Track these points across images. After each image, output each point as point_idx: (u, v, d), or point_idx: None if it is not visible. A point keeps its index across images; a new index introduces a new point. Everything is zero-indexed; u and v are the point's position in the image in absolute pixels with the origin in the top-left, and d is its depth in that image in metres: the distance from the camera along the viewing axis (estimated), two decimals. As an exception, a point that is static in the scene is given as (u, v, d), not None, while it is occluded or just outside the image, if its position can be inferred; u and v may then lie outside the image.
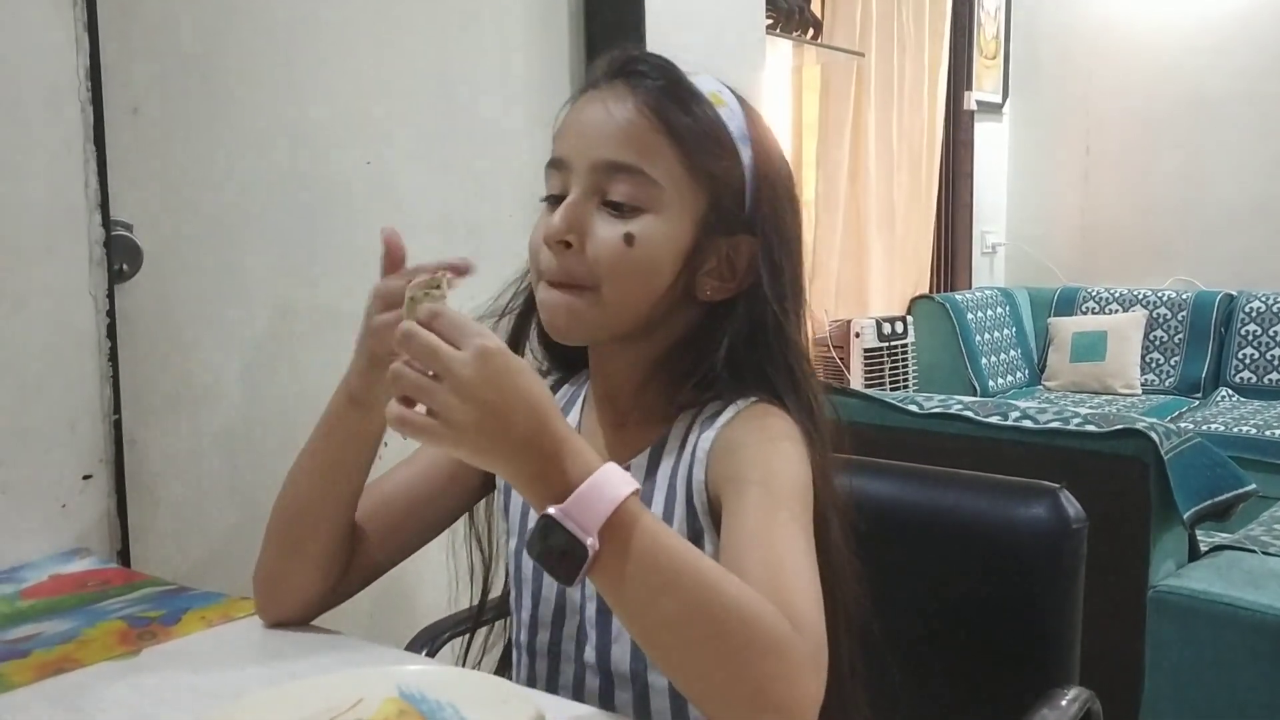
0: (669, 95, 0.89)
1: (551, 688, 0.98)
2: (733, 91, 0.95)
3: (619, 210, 0.88)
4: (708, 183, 0.90)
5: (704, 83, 0.93)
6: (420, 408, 0.73)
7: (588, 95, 0.92)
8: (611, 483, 0.72)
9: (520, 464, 0.73)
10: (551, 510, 0.71)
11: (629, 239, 0.87)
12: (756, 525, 0.80)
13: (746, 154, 0.92)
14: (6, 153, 1.20)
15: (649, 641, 0.74)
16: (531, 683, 1.00)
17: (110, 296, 1.30)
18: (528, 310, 0.99)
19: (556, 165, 0.91)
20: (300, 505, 0.96)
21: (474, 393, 0.71)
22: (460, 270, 0.85)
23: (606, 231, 0.87)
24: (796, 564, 0.77)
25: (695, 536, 0.89)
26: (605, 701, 0.94)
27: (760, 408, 0.90)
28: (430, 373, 0.72)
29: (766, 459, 0.85)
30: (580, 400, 1.03)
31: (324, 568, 0.97)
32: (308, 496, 0.95)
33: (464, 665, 1.10)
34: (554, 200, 0.91)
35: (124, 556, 1.33)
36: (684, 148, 0.88)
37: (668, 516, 0.91)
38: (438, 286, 0.76)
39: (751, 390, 0.91)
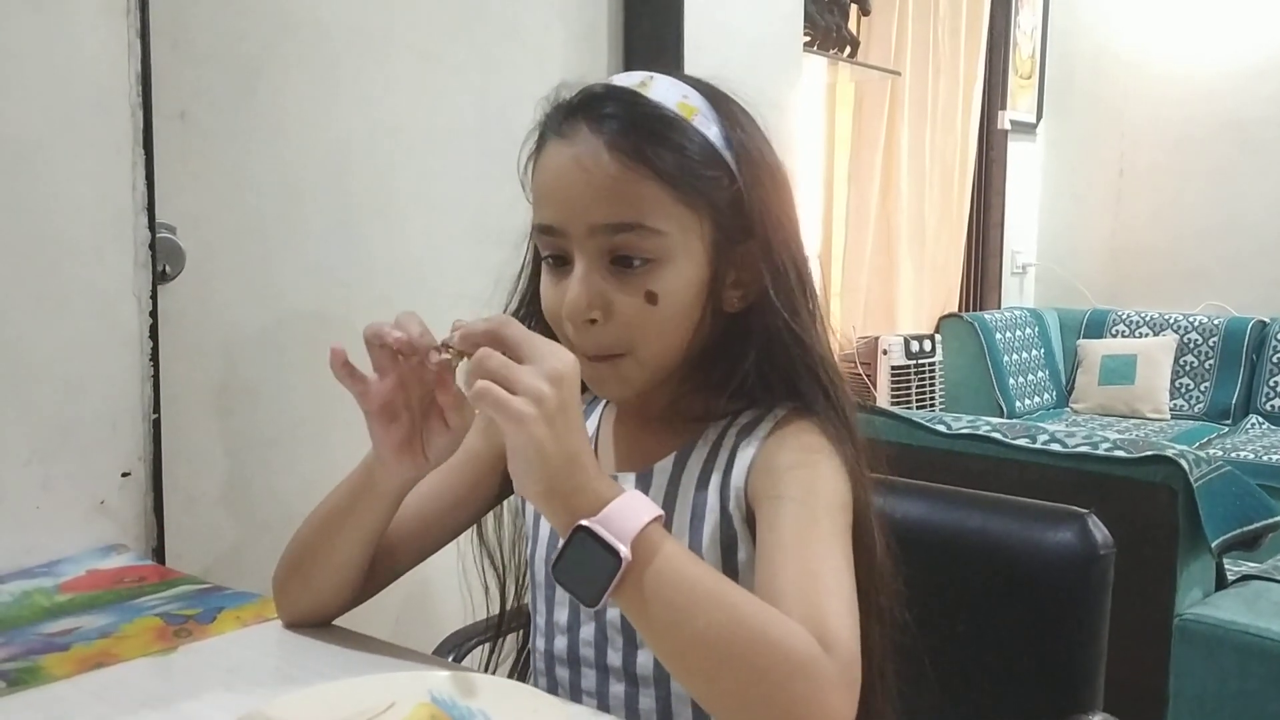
0: (641, 132, 0.84)
1: (575, 694, 0.98)
2: (697, 89, 0.90)
3: (630, 266, 0.85)
4: (707, 208, 0.86)
5: (667, 92, 0.88)
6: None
7: (554, 148, 0.88)
8: (638, 505, 0.74)
9: (566, 475, 0.73)
10: (585, 522, 0.72)
11: (651, 297, 0.85)
12: (792, 540, 0.80)
13: (731, 158, 0.88)
14: (58, 155, 1.23)
15: (675, 663, 0.74)
16: (552, 690, 1.00)
17: (153, 297, 1.32)
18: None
19: (548, 232, 0.88)
20: (307, 543, 0.97)
21: (563, 384, 0.72)
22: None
23: (626, 296, 0.85)
24: (831, 579, 0.77)
25: (729, 543, 0.89)
26: (630, 706, 0.94)
27: (799, 424, 0.89)
28: None
29: (805, 478, 0.85)
30: (601, 405, 1.04)
31: (333, 591, 0.98)
32: (315, 535, 0.96)
33: (486, 672, 1.12)
34: (557, 260, 0.89)
35: (159, 553, 1.35)
36: (674, 184, 0.84)
37: (696, 520, 0.90)
38: None
39: (783, 397, 0.91)
